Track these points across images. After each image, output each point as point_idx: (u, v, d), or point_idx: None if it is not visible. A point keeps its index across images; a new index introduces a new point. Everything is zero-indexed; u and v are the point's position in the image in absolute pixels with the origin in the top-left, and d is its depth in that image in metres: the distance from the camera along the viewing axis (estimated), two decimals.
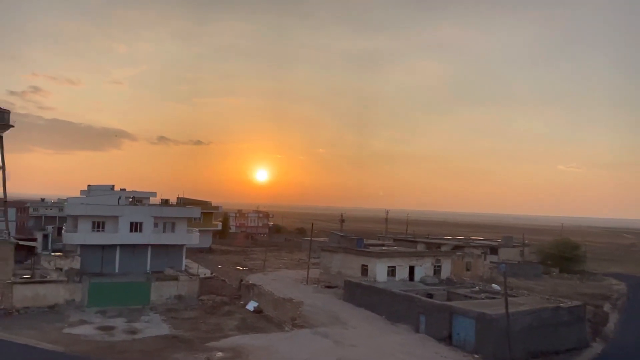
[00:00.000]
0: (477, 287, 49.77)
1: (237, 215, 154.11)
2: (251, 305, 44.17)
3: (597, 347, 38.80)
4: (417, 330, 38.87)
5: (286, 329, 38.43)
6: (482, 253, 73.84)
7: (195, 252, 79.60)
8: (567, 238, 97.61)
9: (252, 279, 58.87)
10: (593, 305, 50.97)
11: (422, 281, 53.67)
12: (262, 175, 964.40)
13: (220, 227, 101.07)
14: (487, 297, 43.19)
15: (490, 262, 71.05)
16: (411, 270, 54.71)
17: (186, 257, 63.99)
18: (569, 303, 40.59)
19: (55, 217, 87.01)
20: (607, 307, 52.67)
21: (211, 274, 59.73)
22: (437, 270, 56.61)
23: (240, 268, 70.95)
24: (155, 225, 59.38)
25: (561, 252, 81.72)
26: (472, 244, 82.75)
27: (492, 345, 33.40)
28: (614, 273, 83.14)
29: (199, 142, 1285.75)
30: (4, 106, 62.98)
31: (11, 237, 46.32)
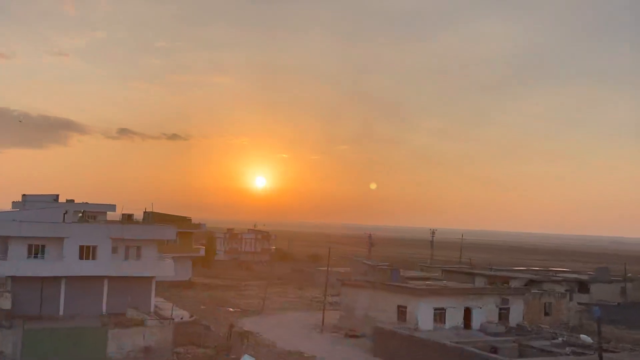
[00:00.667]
0: (559, 339, 49.71)
1: (227, 236, 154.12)
2: None
3: None
4: None
5: None
6: (566, 291, 73.16)
7: (170, 287, 79.71)
8: None
9: (247, 324, 59.69)
10: None
11: (482, 329, 53.62)
12: (261, 181, 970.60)
13: (203, 253, 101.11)
14: (573, 353, 43.74)
15: (579, 303, 70.04)
16: (467, 314, 54.63)
17: (157, 294, 63.42)
18: None
19: None
20: None
21: (190, 317, 60.12)
22: (503, 315, 56.43)
23: (231, 309, 71.59)
24: (115, 250, 58.67)
25: None
26: (552, 277, 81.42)
27: None
28: None
29: (174, 137, 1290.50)
30: None
31: None
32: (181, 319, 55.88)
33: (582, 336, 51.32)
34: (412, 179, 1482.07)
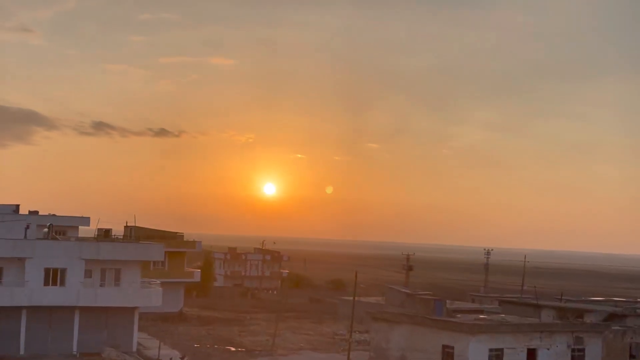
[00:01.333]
0: None
1: (228, 257, 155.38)
2: None
3: None
4: None
5: None
6: None
7: (156, 320, 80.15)
8: None
9: None
10: None
11: None
12: (270, 188, 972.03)
13: (198, 278, 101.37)
14: None
15: None
16: (531, 356, 54.36)
17: (140, 329, 64.07)
18: None
19: None
20: None
21: (182, 357, 59.69)
22: (577, 357, 56.12)
23: (233, 348, 71.27)
24: (89, 274, 59.53)
25: None
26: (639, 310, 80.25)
27: None
28: None
29: (163, 132, 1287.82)
30: None
31: None
32: (170, 359, 55.88)
33: None
34: (459, 185, 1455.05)
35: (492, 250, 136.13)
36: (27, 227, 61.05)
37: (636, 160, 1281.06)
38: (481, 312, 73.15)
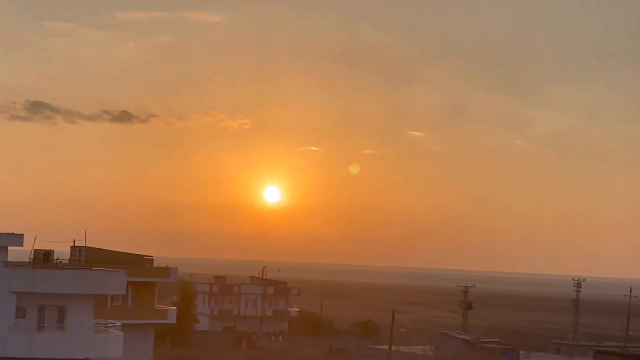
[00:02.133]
0: None
1: (215, 289, 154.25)
2: None
3: None
4: None
5: None
6: None
7: None
8: None
9: None
10: None
11: None
12: (274, 194, 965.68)
13: (174, 319, 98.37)
14: None
15: None
16: None
17: None
18: None
19: None
20: None
21: None
22: None
23: None
24: (21, 313, 59.12)
25: None
26: None
27: None
28: None
29: (125, 117, 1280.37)
30: None
31: None
32: None
33: None
34: (537, 189, 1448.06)
35: (584, 280, 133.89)
36: None
37: None
38: None
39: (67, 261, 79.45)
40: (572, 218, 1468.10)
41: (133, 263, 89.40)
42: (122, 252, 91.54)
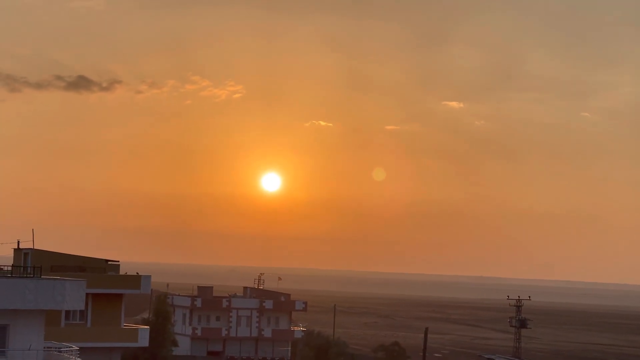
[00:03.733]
0: None
1: (198, 303, 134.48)
2: None
3: None
4: None
5: None
6: None
7: None
8: None
9: None
10: None
11: None
12: (274, 180, 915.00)
13: (145, 342, 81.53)
14: None
15: None
16: None
17: None
18: None
19: None
20: None
21: None
22: None
23: None
24: None
25: None
26: None
27: None
28: None
29: (80, 83, 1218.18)
30: None
31: None
32: None
33: None
34: (606, 174, 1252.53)
35: None
36: None
37: None
38: None
39: (9, 268, 64.46)
40: None
41: (94, 270, 77.86)
42: (80, 256, 79.71)
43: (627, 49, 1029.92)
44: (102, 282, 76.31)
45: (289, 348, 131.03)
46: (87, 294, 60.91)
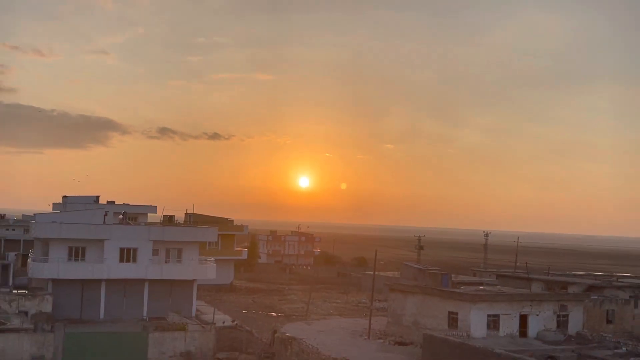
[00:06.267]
0: (623, 348, 48.69)
1: (270, 238, 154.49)
2: None
3: None
4: None
5: None
6: (631, 297, 70.72)
7: (211, 291, 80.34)
8: None
9: (291, 329, 59.47)
10: None
11: (539, 337, 52.99)
12: (304, 181, 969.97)
13: (245, 256, 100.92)
14: None
15: None
16: (523, 321, 54.19)
17: (198, 298, 64.62)
18: None
19: (19, 240, 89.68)
20: None
21: (233, 322, 59.63)
22: (562, 322, 55.75)
23: (274, 314, 71.67)
24: (155, 252, 60.21)
25: None
26: (615, 283, 79.16)
27: None
28: None
29: (215, 136, 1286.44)
30: None
31: None
32: (223, 323, 55.91)
33: None
34: (463, 178, 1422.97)
35: (490, 232, 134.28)
36: (106, 215, 61.79)
37: (616, 158, 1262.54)
38: (481, 284, 72.67)
39: (183, 222, 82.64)
40: (483, 195, 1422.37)
41: (221, 223, 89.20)
42: (215, 216, 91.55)
43: (472, 117, 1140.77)
44: (224, 228, 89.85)
45: (312, 259, 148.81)
46: (218, 234, 75.25)
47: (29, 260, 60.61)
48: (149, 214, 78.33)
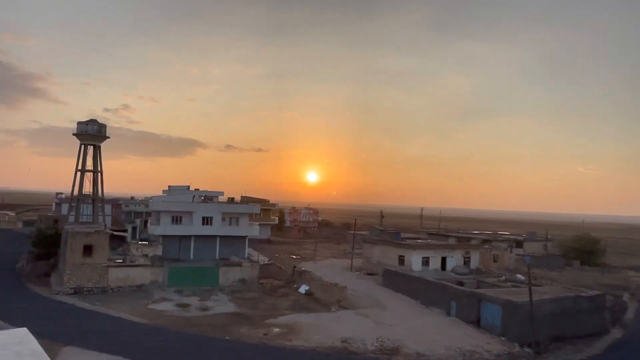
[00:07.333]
0: (503, 277, 48.65)
1: (291, 211, 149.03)
2: (303, 289, 44.36)
3: (616, 333, 37.04)
4: (448, 314, 38.48)
5: (333, 309, 38.60)
6: (508, 246, 71.55)
7: (256, 243, 79.98)
8: (587, 233, 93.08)
9: (304, 266, 59.15)
10: (613, 295, 48.57)
11: (453, 271, 52.82)
12: (312, 177, 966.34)
13: (277, 222, 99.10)
14: (512, 286, 42.23)
15: (516, 254, 69.17)
16: (443, 261, 53.96)
17: (248, 247, 64.25)
18: (590, 292, 38.78)
19: (142, 212, 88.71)
20: (626, 297, 49.94)
21: (269, 261, 59.31)
22: (466, 262, 55.47)
23: (294, 257, 71.06)
24: (223, 219, 59.69)
25: (582, 246, 78.17)
26: (499, 238, 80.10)
27: (517, 329, 32.68)
28: (632, 266, 78.45)
29: (259, 150, 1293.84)
30: (101, 121, 67.08)
31: (107, 229, 46.77)
32: (263, 262, 55.95)
33: (518, 275, 50.80)
34: (408, 175, 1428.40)
35: (424, 208, 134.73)
36: (193, 197, 61.54)
37: (510, 162, 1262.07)
38: (418, 239, 73.08)
39: (239, 201, 76.98)
40: (420, 184, 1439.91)
41: (263, 202, 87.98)
42: (259, 198, 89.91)
43: (415, 139, 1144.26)
44: (264, 205, 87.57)
45: (317, 224, 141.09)
46: (260, 209, 73.37)
47: (149, 224, 60.29)
48: (219, 197, 77.86)
